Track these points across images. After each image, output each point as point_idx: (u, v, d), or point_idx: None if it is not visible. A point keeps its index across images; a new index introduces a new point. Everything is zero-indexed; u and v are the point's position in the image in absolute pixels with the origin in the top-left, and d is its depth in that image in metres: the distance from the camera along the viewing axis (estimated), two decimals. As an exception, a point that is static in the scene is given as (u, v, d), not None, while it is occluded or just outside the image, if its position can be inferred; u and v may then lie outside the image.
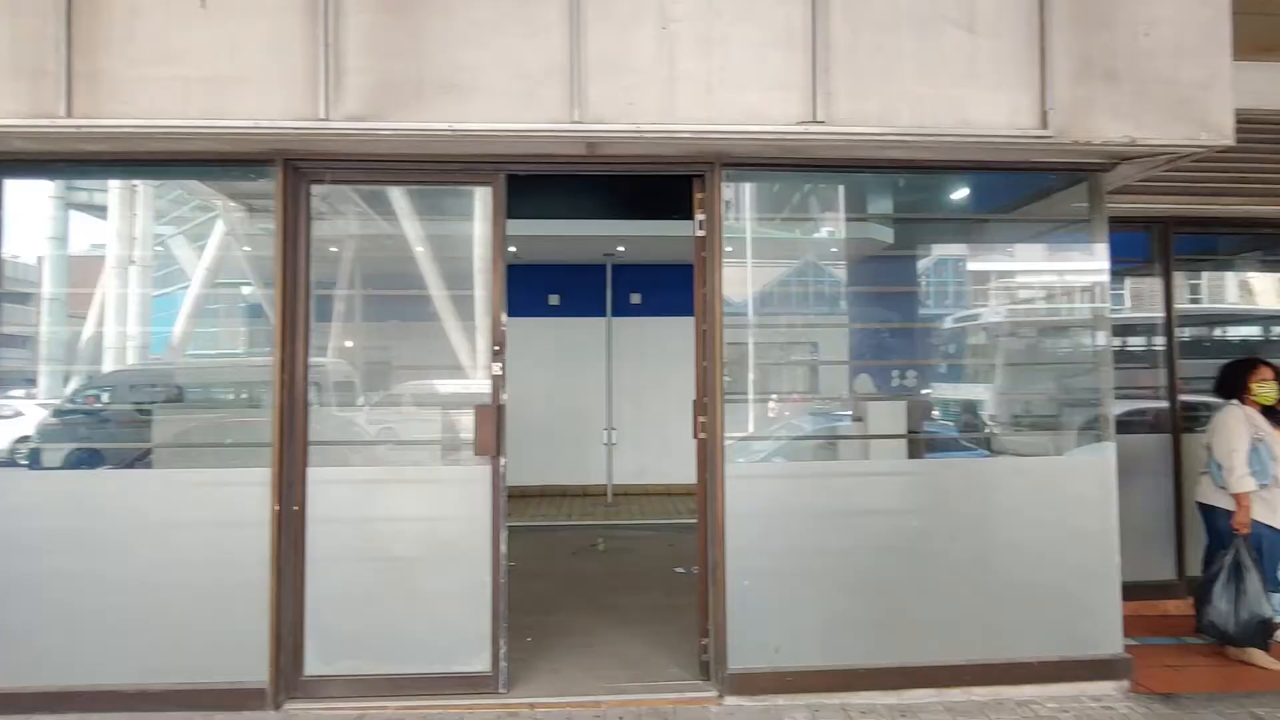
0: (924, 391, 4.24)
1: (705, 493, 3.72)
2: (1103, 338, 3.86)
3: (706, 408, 3.73)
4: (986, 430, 4.32)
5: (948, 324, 4.61)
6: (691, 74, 3.40)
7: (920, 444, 4.24)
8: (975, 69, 3.47)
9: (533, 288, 9.53)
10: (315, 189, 3.68)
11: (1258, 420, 4.09)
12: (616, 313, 9.44)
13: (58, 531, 3.49)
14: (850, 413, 4.43)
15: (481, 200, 3.78)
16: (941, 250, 4.71)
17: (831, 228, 4.81)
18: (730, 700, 3.53)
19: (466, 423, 3.67)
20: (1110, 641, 3.69)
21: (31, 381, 4.66)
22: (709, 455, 3.69)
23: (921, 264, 4.62)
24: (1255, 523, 3.97)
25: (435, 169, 3.70)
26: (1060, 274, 4.37)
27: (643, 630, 4.45)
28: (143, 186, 4.99)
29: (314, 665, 3.54)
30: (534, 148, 3.58)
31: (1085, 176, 3.86)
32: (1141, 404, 5.19)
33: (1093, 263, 3.88)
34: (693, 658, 3.86)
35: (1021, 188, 4.17)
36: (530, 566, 5.95)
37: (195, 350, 6.03)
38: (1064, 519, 3.75)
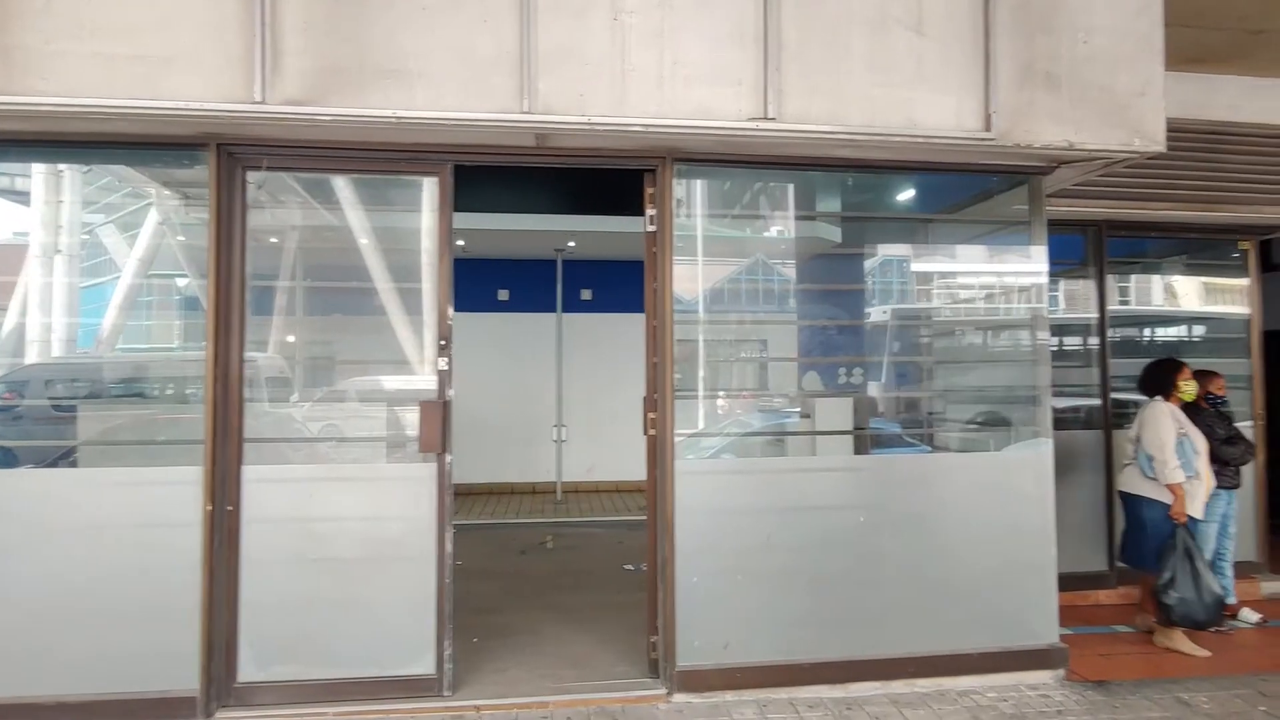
0: (870, 388, 4.31)
1: (655, 489, 3.71)
2: (1041, 336, 3.97)
3: (657, 404, 3.70)
4: (929, 427, 4.41)
5: (892, 322, 4.69)
6: (643, 67, 3.37)
7: (866, 440, 4.31)
8: (923, 71, 3.52)
9: (482, 282, 9.39)
10: (251, 175, 3.53)
11: (1180, 416, 4.27)
12: (567, 308, 9.36)
13: (-32, 535, 3.27)
14: (798, 410, 4.47)
15: (428, 191, 3.68)
16: (887, 249, 4.79)
17: (781, 226, 4.84)
18: (679, 698, 3.52)
19: (411, 419, 3.57)
20: (1047, 632, 3.81)
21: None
22: (659, 452, 3.67)
23: (868, 263, 4.69)
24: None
25: (379, 158, 3.58)
26: (1001, 274, 4.49)
27: (591, 628, 4.41)
28: (69, 172, 4.74)
29: (248, 671, 3.40)
30: (482, 138, 3.50)
31: (1026, 179, 3.96)
32: (1075, 401, 5.37)
33: (1032, 263, 3.99)
34: (642, 655, 3.84)
35: (965, 189, 4.26)
36: (477, 565, 5.85)
37: (126, 344, 5.76)
38: (1004, 513, 3.85)
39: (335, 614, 3.45)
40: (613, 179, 3.98)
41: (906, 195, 4.41)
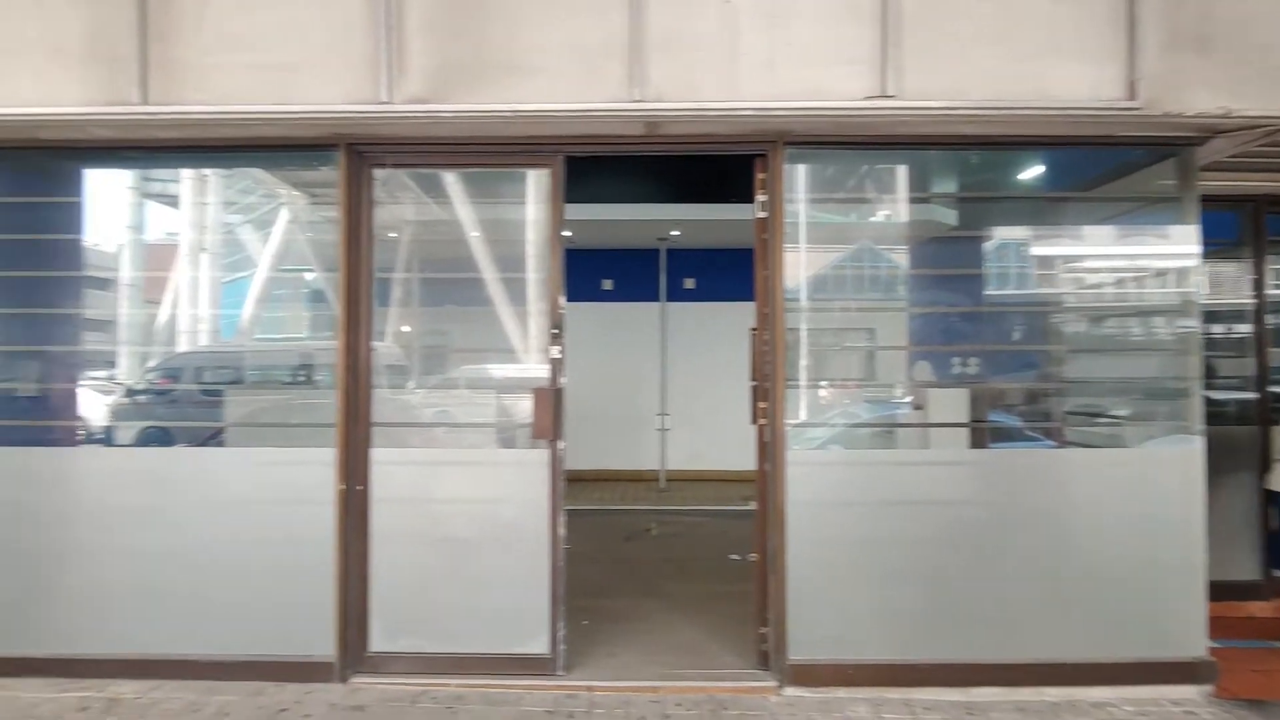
0: (989, 379, 4.08)
1: (765, 479, 3.66)
2: (1191, 324, 3.64)
3: (767, 393, 3.65)
4: (1057, 421, 4.13)
5: (1017, 309, 4.42)
6: (754, 50, 3.31)
7: (984, 434, 4.09)
8: (1056, 38, 3.29)
9: (585, 272, 9.51)
10: (377, 173, 3.71)
11: None
12: (670, 298, 9.38)
13: (136, 506, 3.62)
14: (909, 400, 4.29)
15: (540, 182, 3.75)
16: (1012, 231, 4.50)
17: (895, 208, 4.65)
18: (790, 691, 3.48)
19: (525, 406, 3.67)
20: (1193, 643, 3.51)
21: (111, 363, 4.85)
22: (769, 441, 3.62)
23: (989, 246, 4.43)
24: None
25: (494, 152, 3.69)
26: (1144, 256, 4.14)
27: (698, 617, 4.42)
28: (213, 176, 5.13)
29: (378, 641, 3.61)
30: (594, 128, 3.54)
31: (1175, 152, 3.63)
32: (1227, 394, 4.91)
33: (1181, 244, 3.66)
34: (750, 646, 3.81)
35: (1102, 164, 3.94)
36: (583, 550, 5.96)
37: (262, 334, 6.20)
38: (1146, 514, 3.57)
39: (455, 591, 3.61)
40: (718, 166, 3.94)
41: (1035, 172, 4.14)
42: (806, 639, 3.52)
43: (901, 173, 4.39)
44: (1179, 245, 3.67)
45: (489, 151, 3.68)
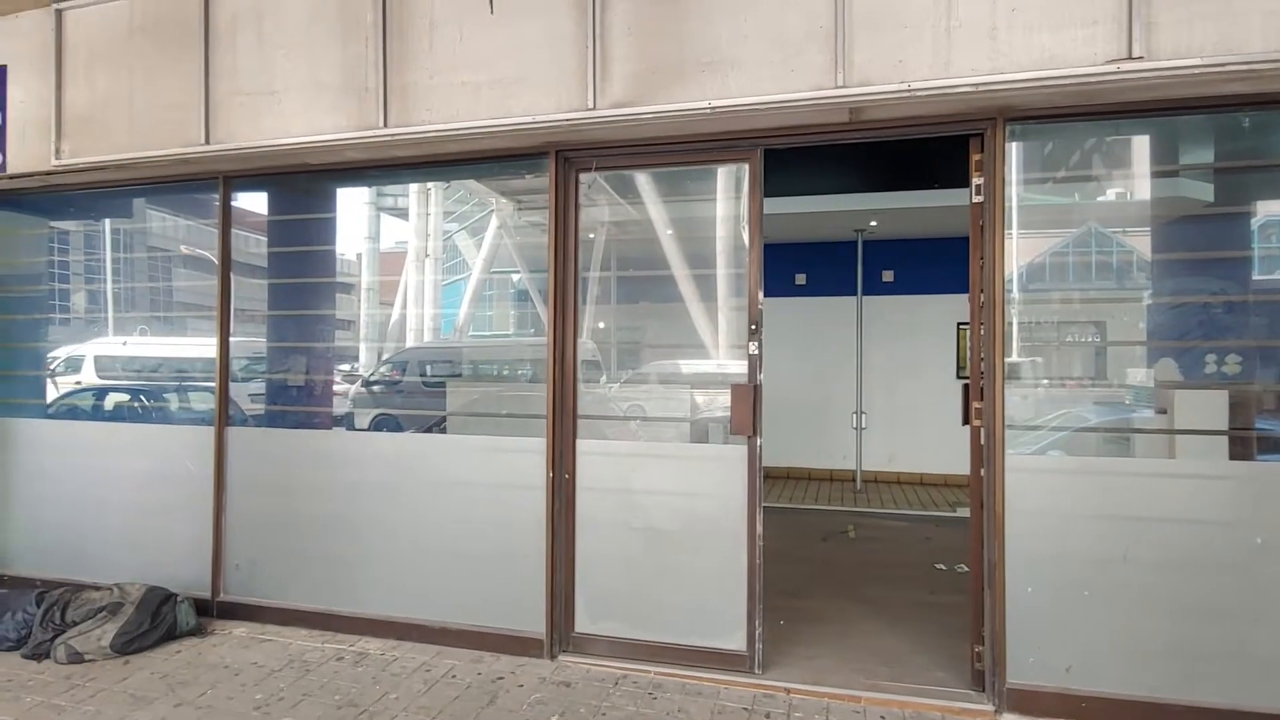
0: (1254, 380, 3.47)
1: (982, 485, 3.38)
2: None
3: (983, 391, 3.37)
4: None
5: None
6: (972, 19, 3.06)
7: (1249, 443, 3.48)
8: (1365, -31, 2.72)
9: (779, 267, 9.38)
10: (583, 176, 3.89)
11: None
12: (867, 291, 8.97)
13: (377, 484, 4.09)
14: (1149, 404, 3.75)
15: (739, 177, 3.74)
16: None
17: (1134, 184, 4.09)
18: (1009, 717, 3.19)
19: (723, 401, 3.68)
20: None
21: (354, 357, 5.52)
22: (988, 444, 3.34)
23: (1253, 223, 3.76)
24: None
25: (693, 149, 3.72)
26: None
27: (902, 626, 4.19)
28: (434, 189, 5.61)
29: (583, 623, 3.79)
30: (794, 119, 3.46)
31: None
32: None
33: None
34: (961, 663, 3.56)
35: None
36: (780, 548, 5.89)
37: (475, 331, 6.73)
38: None
39: (654, 580, 3.70)
40: (924, 149, 3.68)
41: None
42: (1029, 662, 3.21)
43: (1144, 143, 3.86)
44: None
45: (688, 149, 3.72)
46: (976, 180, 3.42)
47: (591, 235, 4.10)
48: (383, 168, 4.26)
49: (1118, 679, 3.14)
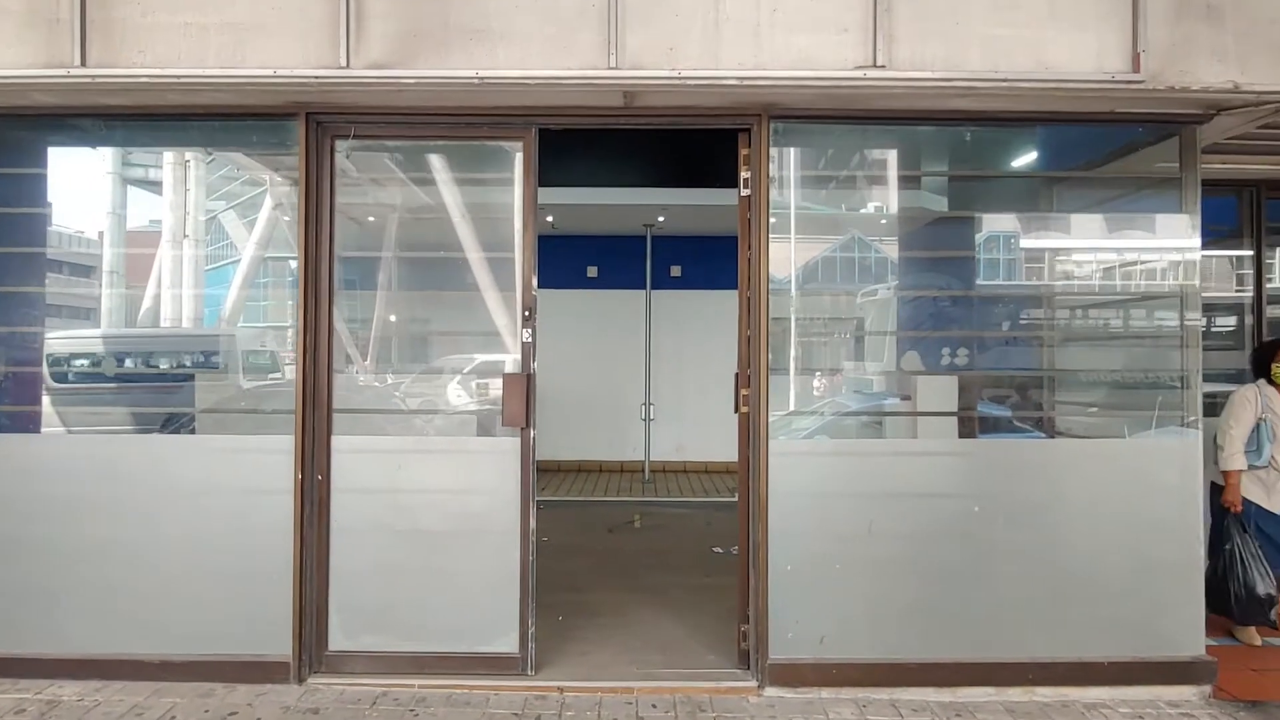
0: (976, 368, 3.92)
1: (748, 470, 3.49)
2: (1191, 315, 3.48)
3: (750, 381, 3.47)
4: (1048, 411, 3.98)
5: (1008, 295, 4.26)
6: (738, 16, 3.12)
7: (974, 424, 3.93)
8: (1056, 6, 3.11)
9: (570, 259, 9.33)
10: (339, 144, 3.50)
11: (1274, 401, 3.89)
12: (656, 285, 9.18)
13: (78, 497, 3.42)
14: (897, 391, 4.13)
15: (512, 158, 3.55)
16: (1004, 215, 4.33)
17: (884, 190, 4.47)
18: (771, 691, 3.32)
19: (495, 393, 3.49)
20: (1190, 642, 3.37)
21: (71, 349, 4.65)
22: (752, 431, 3.45)
23: (981, 230, 4.26)
24: (1245, 501, 3.87)
25: (463, 123, 3.48)
26: (1141, 242, 3.99)
27: (679, 612, 4.26)
28: (195, 162, 4.89)
29: (338, 640, 3.42)
30: (567, 99, 3.34)
31: (1177, 130, 3.47)
32: (1220, 388, 4.77)
33: (1180, 230, 3.50)
34: (731, 644, 3.66)
35: (1099, 144, 3.77)
36: (565, 542, 5.80)
37: (247, 322, 5.95)
38: (1140, 508, 3.42)
39: (420, 587, 3.43)
40: (704, 145, 3.75)
41: (1027, 153, 3.96)
42: (789, 637, 3.36)
43: (889, 154, 4.21)
44: (1178, 231, 3.52)
45: (458, 123, 3.47)
46: (744, 174, 3.51)
47: (359, 212, 3.73)
48: (96, 117, 3.56)
49: (865, 645, 3.38)
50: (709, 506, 7.39)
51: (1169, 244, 3.59)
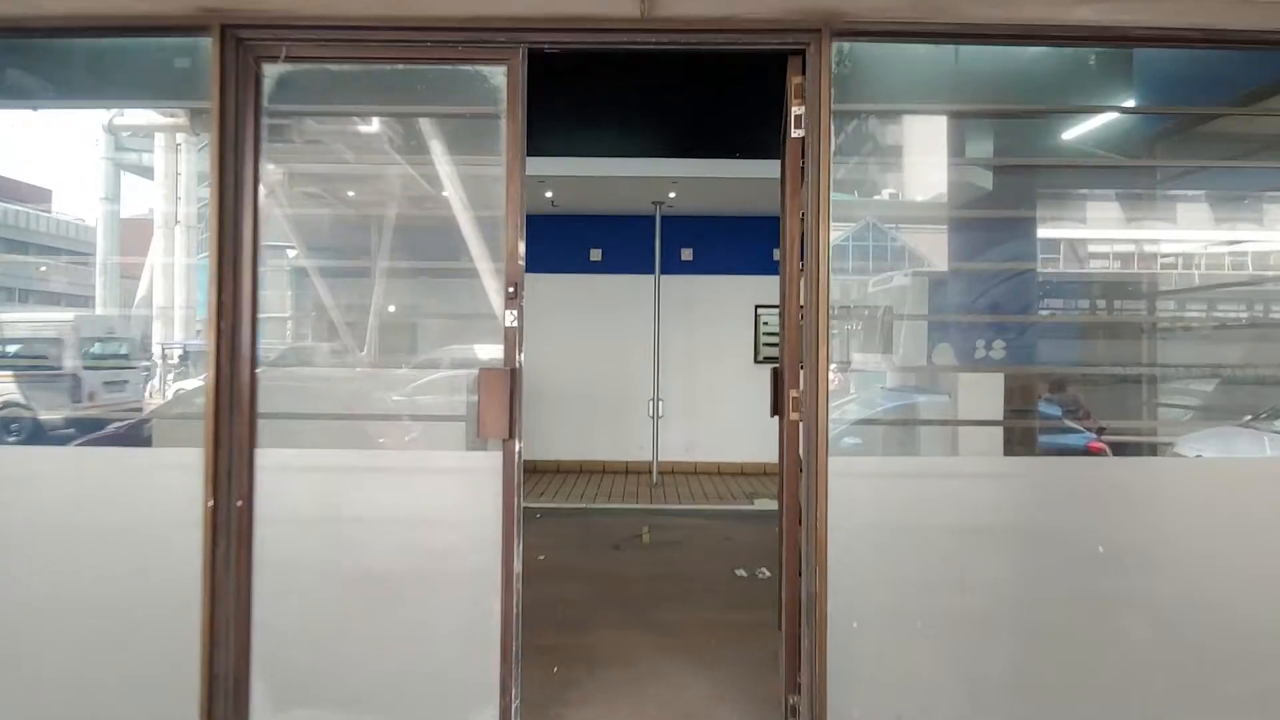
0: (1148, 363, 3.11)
1: (802, 494, 2.66)
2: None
3: (801, 378, 2.65)
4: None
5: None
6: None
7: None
8: None
9: (573, 241, 8.51)
10: (267, 68, 2.68)
11: None
12: (665, 270, 8.34)
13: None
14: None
15: (494, 88, 2.73)
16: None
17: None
18: (831, 789, 2.52)
19: (471, 395, 2.68)
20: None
21: None
22: (807, 443, 2.62)
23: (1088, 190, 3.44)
24: None
25: (430, 41, 2.65)
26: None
27: (702, 660, 3.46)
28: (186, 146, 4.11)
29: (262, 715, 2.62)
30: (567, 4, 2.51)
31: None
32: None
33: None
34: (769, 706, 2.86)
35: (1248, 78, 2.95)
36: (562, 561, 5.02)
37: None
38: None
39: (370, 644, 2.63)
40: (720, 116, 2.91)
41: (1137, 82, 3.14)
42: (854, 715, 2.56)
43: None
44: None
45: (420, 41, 2.64)
46: (796, 110, 2.68)
47: (294, 161, 2.91)
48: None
49: (951, 723, 2.57)
50: (726, 516, 6.59)
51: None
